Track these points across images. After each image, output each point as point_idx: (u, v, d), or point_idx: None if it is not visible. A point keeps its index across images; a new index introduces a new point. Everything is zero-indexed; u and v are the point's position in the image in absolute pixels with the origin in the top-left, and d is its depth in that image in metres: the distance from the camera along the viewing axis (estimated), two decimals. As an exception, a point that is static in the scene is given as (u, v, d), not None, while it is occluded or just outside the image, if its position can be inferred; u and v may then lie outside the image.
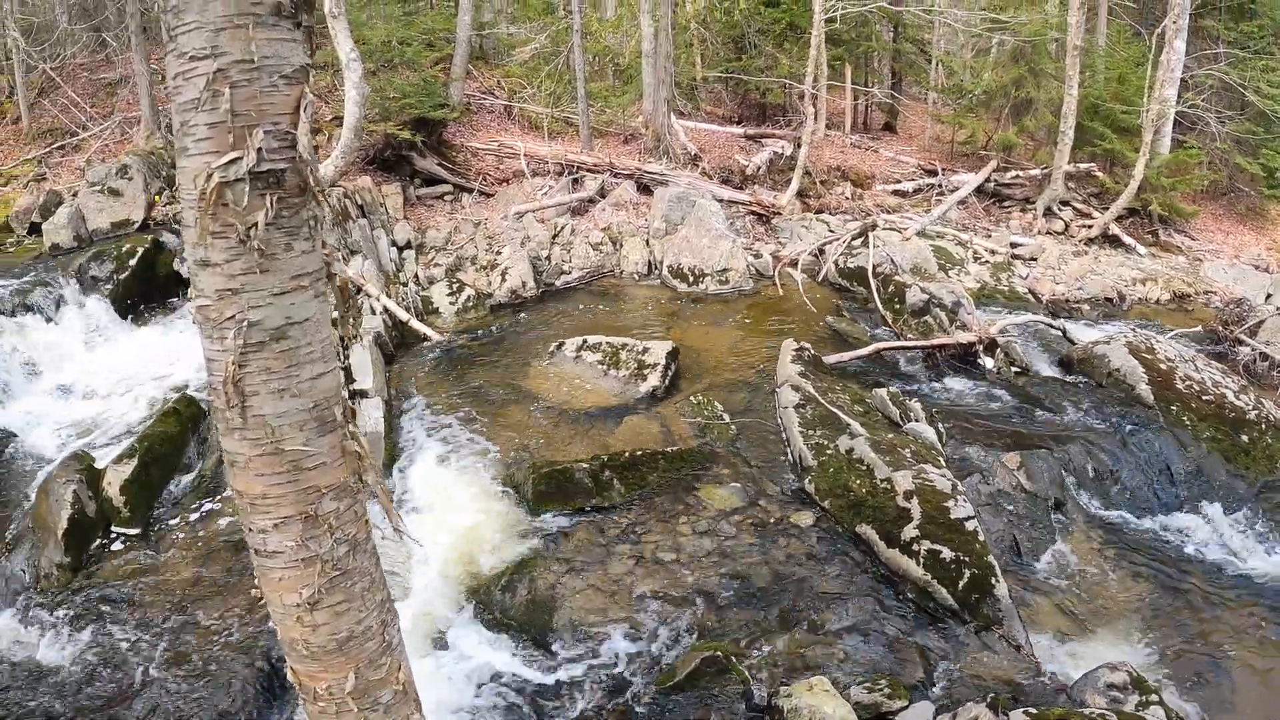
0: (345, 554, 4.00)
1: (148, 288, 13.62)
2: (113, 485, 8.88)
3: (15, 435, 10.38)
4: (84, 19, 21.27)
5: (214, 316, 3.47)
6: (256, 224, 3.35)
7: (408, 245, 16.23)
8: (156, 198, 15.38)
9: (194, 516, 8.93)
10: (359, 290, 13.26)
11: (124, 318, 13.00)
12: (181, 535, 8.67)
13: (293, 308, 3.56)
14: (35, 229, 15.19)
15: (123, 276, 13.26)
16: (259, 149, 3.28)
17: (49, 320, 12.30)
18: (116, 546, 8.61)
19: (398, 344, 12.92)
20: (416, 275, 15.40)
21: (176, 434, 9.84)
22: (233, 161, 3.26)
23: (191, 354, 11.88)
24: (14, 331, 11.78)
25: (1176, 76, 22.37)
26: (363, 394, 10.83)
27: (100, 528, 8.69)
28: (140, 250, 13.63)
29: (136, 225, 14.87)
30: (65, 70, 20.13)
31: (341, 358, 11.32)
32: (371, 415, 10.38)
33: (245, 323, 3.46)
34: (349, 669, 4.14)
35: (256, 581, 4.23)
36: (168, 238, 14.41)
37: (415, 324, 13.31)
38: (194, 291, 3.54)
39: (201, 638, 7.33)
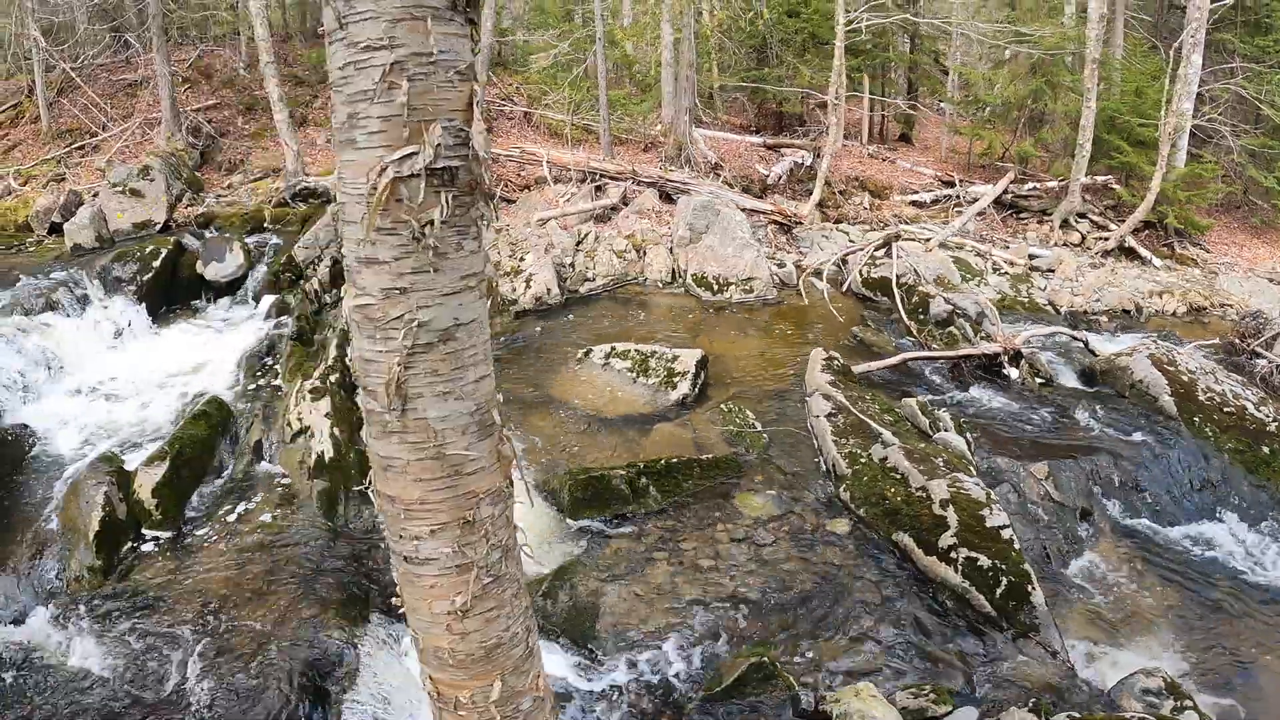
0: (498, 560, 3.94)
1: (171, 290, 13.59)
2: (144, 487, 8.78)
3: (40, 435, 10.28)
4: (104, 20, 21.28)
5: (378, 316, 3.40)
6: (432, 221, 3.30)
7: (429, 249, 16.20)
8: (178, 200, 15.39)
9: (227, 520, 8.83)
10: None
11: (148, 319, 12.94)
12: (214, 539, 8.57)
13: (460, 308, 3.49)
14: (56, 229, 15.19)
15: (147, 278, 13.20)
16: (436, 145, 3.24)
17: (73, 321, 12.25)
18: (148, 550, 8.49)
19: (425, 348, 12.89)
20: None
21: (207, 437, 9.75)
22: (408, 156, 3.22)
23: (218, 357, 11.87)
24: (38, 331, 11.72)
25: (1193, 90, 22.35)
26: (392, 398, 10.80)
27: (131, 530, 8.59)
28: (164, 252, 13.59)
29: (158, 226, 14.89)
30: (85, 71, 20.14)
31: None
32: (404, 420, 10.35)
33: (415, 323, 3.41)
34: (495, 676, 4.07)
35: (397, 589, 4.12)
36: (190, 240, 14.38)
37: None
38: (352, 289, 3.46)
39: (239, 643, 7.21)
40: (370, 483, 3.90)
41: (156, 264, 13.38)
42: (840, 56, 20.23)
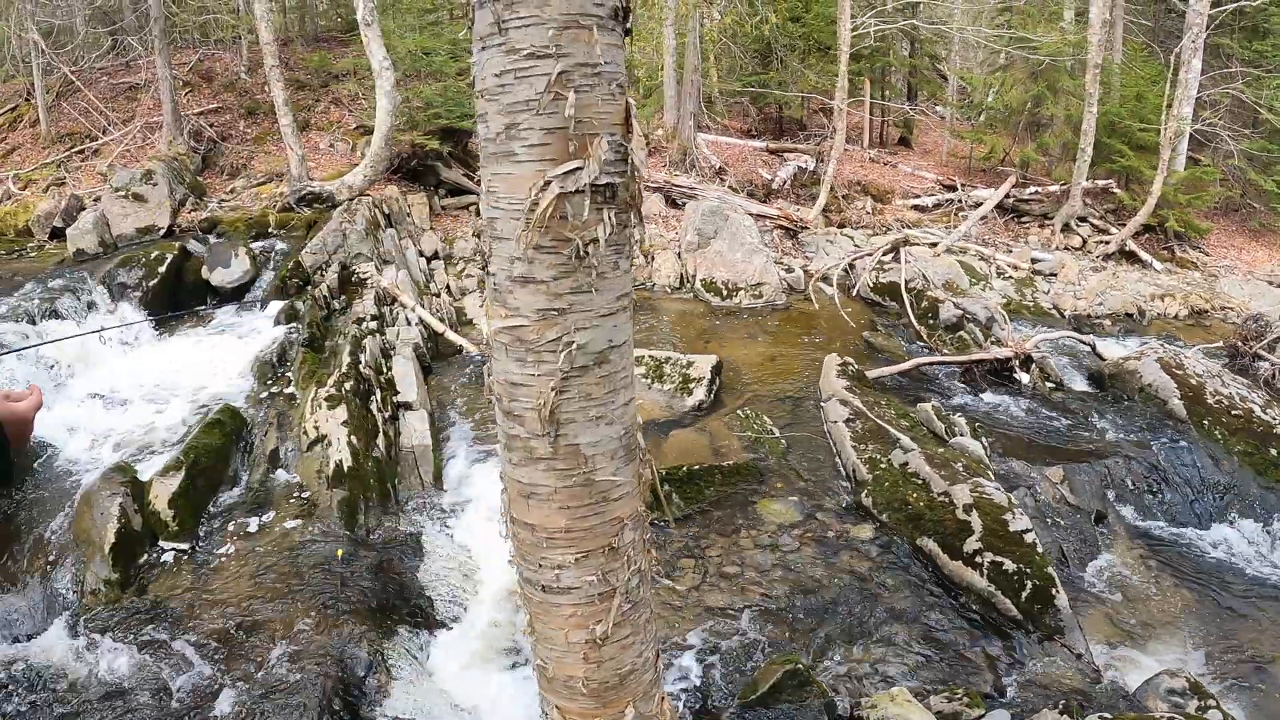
0: (636, 585, 3.86)
1: (177, 296, 13.42)
2: (159, 498, 8.59)
3: (48, 444, 10.06)
4: (104, 22, 21.18)
5: (531, 338, 3.29)
6: (596, 240, 3.19)
7: (435, 256, 16.12)
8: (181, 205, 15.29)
9: (245, 530, 8.67)
10: (394, 301, 13.16)
11: (154, 326, 12.81)
12: (233, 550, 8.41)
13: (615, 330, 3.38)
14: (57, 234, 15.08)
15: (152, 284, 13.04)
16: (602, 160, 3.14)
17: (78, 327, 12.11)
18: (165, 562, 8.29)
19: (434, 355, 12.80)
20: (448, 286, 15.30)
21: (221, 446, 9.59)
22: (573, 171, 3.11)
23: (226, 364, 11.74)
24: (41, 339, 11.55)
25: (1193, 95, 22.48)
26: (407, 406, 10.73)
27: (147, 542, 8.39)
28: (169, 257, 13.43)
29: (162, 231, 14.77)
30: (84, 74, 20.03)
31: (384, 369, 11.24)
32: (418, 428, 10.28)
33: (573, 345, 3.31)
34: (627, 703, 3.98)
35: (527, 619, 4.02)
36: (195, 245, 14.27)
37: (451, 335, 13.18)
38: (499, 310, 3.33)
39: (262, 658, 7.10)
40: (504, 512, 3.80)
41: (162, 269, 13.23)
42: (845, 63, 20.25)
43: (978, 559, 8.26)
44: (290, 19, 24.95)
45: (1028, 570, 8.06)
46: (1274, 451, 11.02)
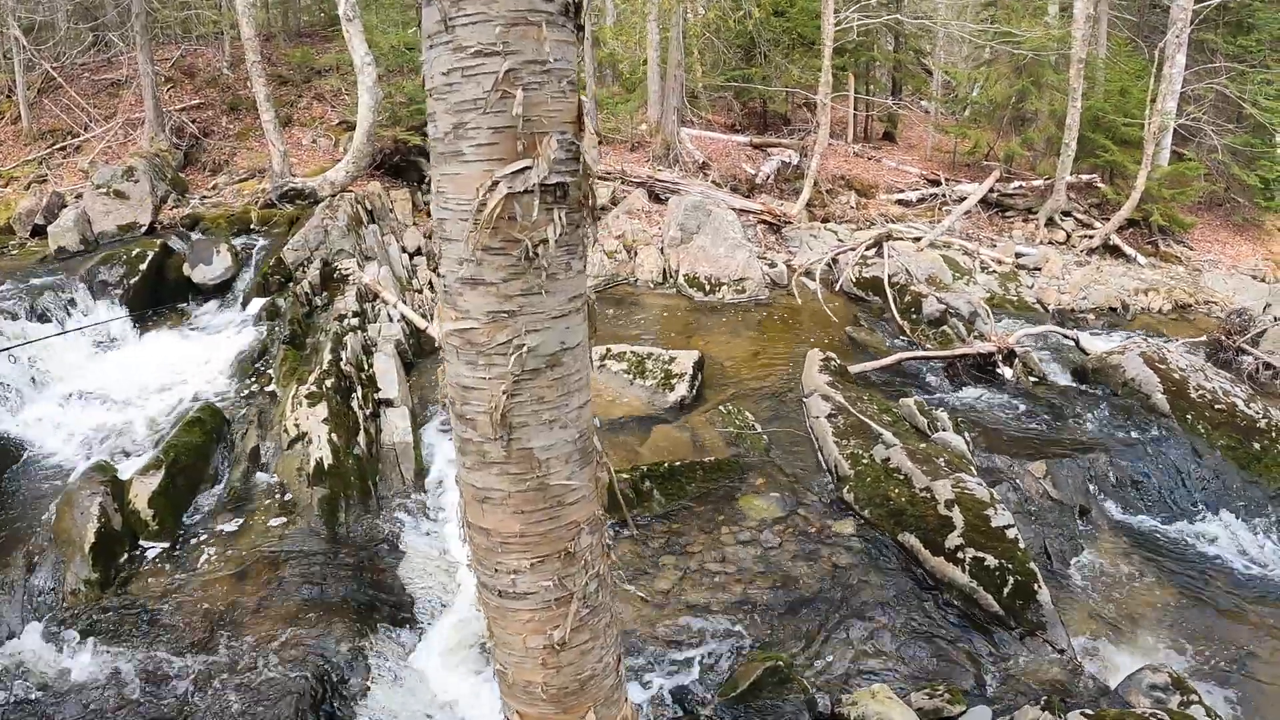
0: (595, 590, 3.83)
1: (158, 293, 13.33)
2: (139, 497, 8.58)
3: (28, 444, 10.04)
4: (85, 18, 21.06)
5: (481, 341, 3.26)
6: (546, 240, 3.15)
7: (418, 251, 16.07)
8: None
9: (226, 529, 8.67)
10: (376, 297, 13.12)
11: (135, 324, 12.72)
12: (213, 549, 8.39)
13: (568, 332, 3.35)
14: (39, 231, 14.96)
15: (134, 281, 12.93)
16: (551, 159, 3.10)
17: (59, 326, 12.02)
18: (146, 561, 8.29)
19: (415, 352, 12.76)
20: (431, 282, 15.25)
21: (202, 444, 9.57)
22: (521, 171, 3.07)
23: (208, 361, 11.70)
24: (23, 337, 11.44)
25: (1177, 89, 22.51)
26: (388, 403, 10.71)
27: (128, 541, 8.39)
28: (151, 254, 13.33)
29: (144, 229, 14.67)
30: (66, 70, 19.91)
31: (366, 366, 11.20)
32: (399, 425, 10.26)
33: (523, 348, 3.27)
34: (588, 709, 3.96)
35: (487, 624, 3.99)
36: (177, 242, 14.18)
37: (434, 331, 13.14)
38: (449, 313, 3.29)
39: (243, 656, 7.10)
40: (460, 515, 3.76)
41: (143, 267, 13.12)
42: (829, 57, 20.24)
43: (959, 555, 8.27)
44: (273, 14, 24.85)
45: (1009, 566, 8.07)
46: (1257, 446, 11.06)
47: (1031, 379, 13.03)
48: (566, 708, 3.94)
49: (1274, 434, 11.26)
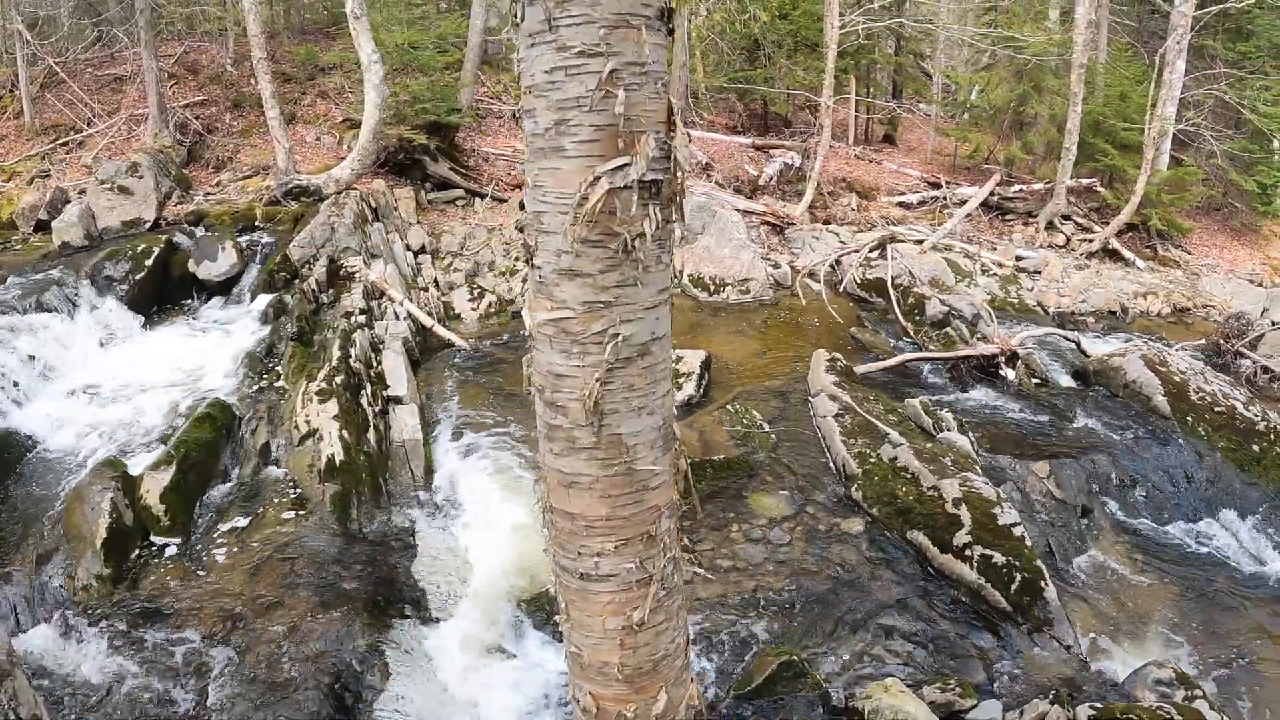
0: (671, 572, 3.89)
1: (164, 289, 13.37)
2: (151, 492, 8.55)
3: (36, 439, 10.04)
4: (89, 14, 21.05)
5: (577, 330, 3.34)
6: (643, 234, 3.21)
7: (422, 250, 16.08)
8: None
9: (237, 525, 8.64)
10: (382, 295, 13.15)
11: (141, 319, 12.74)
12: (226, 545, 8.37)
13: (658, 322, 3.44)
14: (43, 226, 14.96)
15: (139, 277, 12.96)
16: (649, 156, 3.15)
17: (64, 321, 12.03)
18: (158, 557, 8.26)
19: (422, 349, 12.79)
20: (436, 280, 15.28)
21: (212, 440, 9.56)
22: (621, 167, 3.13)
23: (215, 358, 11.71)
24: (28, 332, 11.44)
25: (1176, 95, 22.62)
26: (397, 400, 10.74)
27: (139, 537, 8.37)
28: (156, 250, 13.36)
29: (148, 225, 14.65)
30: (69, 65, 19.90)
31: (374, 364, 11.23)
32: (409, 422, 10.30)
33: (618, 337, 3.33)
34: (659, 688, 4.02)
35: (562, 607, 4.03)
36: (181, 238, 14.20)
37: (440, 329, 13.20)
38: (544, 303, 3.35)
39: (257, 653, 7.07)
40: (542, 500, 3.81)
41: (149, 263, 13.15)
42: (832, 59, 20.31)
43: (967, 552, 8.37)
44: (277, 11, 24.84)
45: (1017, 563, 8.17)
46: (1257, 448, 11.15)
47: (1034, 380, 13.12)
48: (639, 687, 4.00)
49: (1273, 437, 11.36)
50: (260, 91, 15.98)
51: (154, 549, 8.37)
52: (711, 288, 16.10)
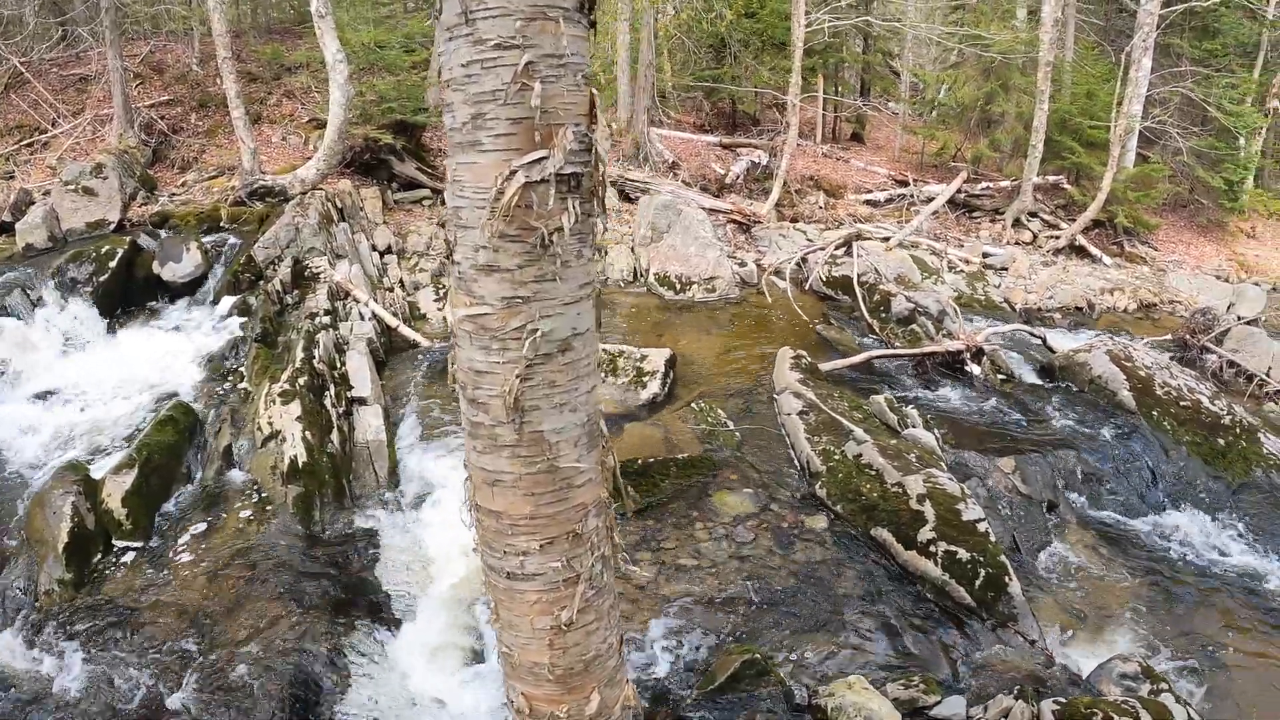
0: (600, 571, 3.88)
1: (128, 291, 13.24)
2: (112, 496, 8.53)
3: (-2, 444, 10.02)
4: (54, 13, 20.86)
5: (495, 326, 3.32)
6: (561, 229, 3.19)
7: (388, 250, 16.01)
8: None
9: (200, 528, 8.63)
10: (347, 296, 13.10)
11: (105, 322, 12.63)
12: (188, 548, 8.36)
13: (579, 318, 3.41)
14: (6, 228, 14.79)
15: (103, 279, 12.83)
16: (567, 150, 3.13)
17: (27, 324, 11.93)
18: (120, 561, 8.26)
19: (387, 350, 12.74)
20: (402, 280, 15.22)
21: (175, 443, 9.53)
22: (538, 161, 3.11)
23: (179, 360, 11.63)
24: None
25: (1143, 93, 22.74)
26: (361, 401, 10.69)
27: (101, 541, 8.34)
28: (120, 251, 13.23)
29: (113, 226, 14.54)
30: (34, 65, 19.71)
31: (338, 365, 11.19)
32: (373, 423, 10.26)
33: (537, 333, 3.31)
34: (592, 689, 4.01)
35: (492, 607, 4.02)
36: (146, 239, 14.09)
37: (405, 330, 13.15)
38: (463, 299, 3.33)
39: (219, 656, 7.08)
40: (468, 500, 3.80)
41: (113, 265, 13.02)
42: (799, 58, 20.34)
43: (932, 548, 8.40)
44: (243, 10, 24.70)
45: (981, 559, 8.21)
46: (1221, 441, 11.26)
47: (1000, 377, 13.17)
48: (571, 688, 4.00)
49: (1237, 430, 11.46)
50: (225, 91, 15.87)
51: (116, 553, 8.36)
52: (677, 286, 16.12)
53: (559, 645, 3.86)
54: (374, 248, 15.77)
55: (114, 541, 8.44)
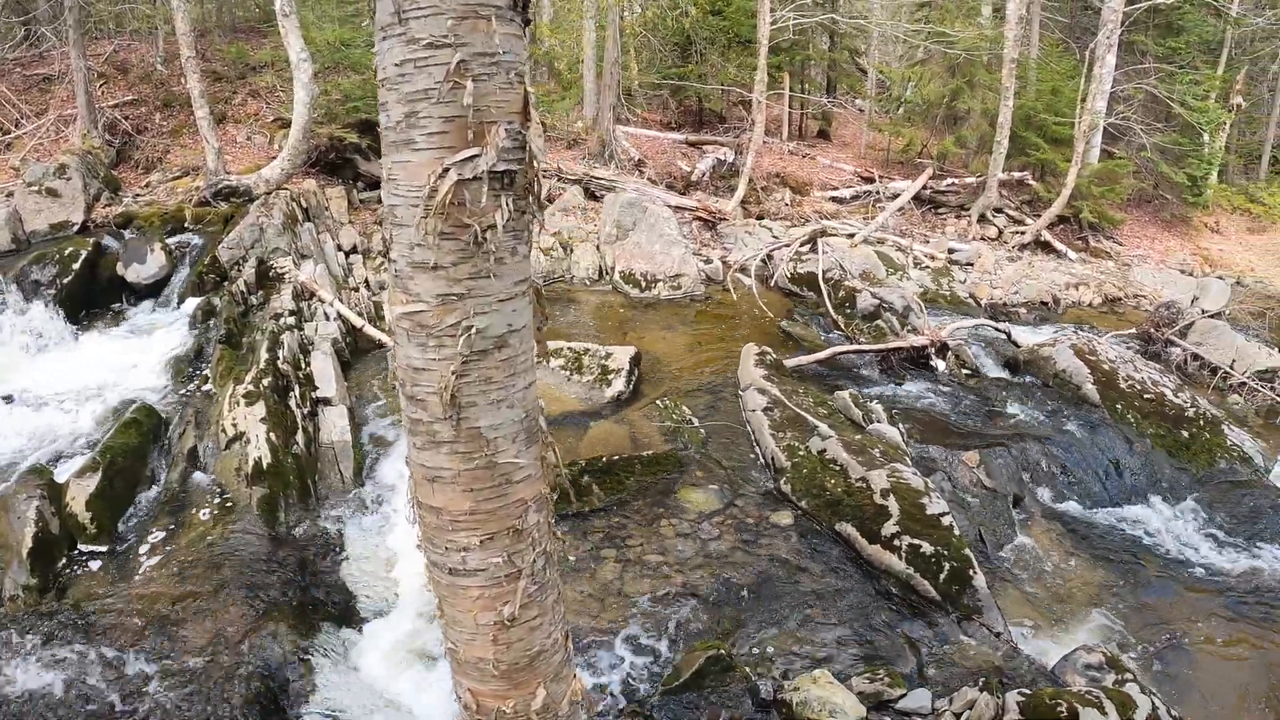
0: (542, 567, 3.89)
1: (92, 293, 13.14)
2: (76, 500, 8.44)
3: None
4: (17, 12, 20.67)
5: (431, 323, 3.33)
6: (494, 226, 3.21)
7: (353, 250, 15.94)
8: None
9: (165, 530, 8.55)
10: (312, 296, 13.05)
11: (68, 324, 12.53)
12: (153, 551, 8.28)
13: (514, 314, 3.41)
14: (-32, 232, 14.68)
15: (66, 281, 12.71)
16: (499, 147, 3.16)
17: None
18: (85, 565, 8.17)
19: (353, 350, 12.70)
20: (367, 280, 15.16)
21: (139, 445, 9.46)
22: (470, 159, 3.13)
23: (143, 362, 11.55)
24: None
25: (1107, 89, 22.93)
26: (326, 402, 10.66)
27: (65, 546, 8.25)
28: (84, 253, 13.12)
29: (76, 227, 14.43)
30: (-5, 66, 19.56)
31: (303, 365, 11.15)
32: (338, 423, 10.23)
33: (472, 330, 3.33)
34: (538, 684, 4.02)
35: (437, 602, 4.03)
36: (110, 241, 14.00)
37: (370, 330, 13.09)
38: (400, 297, 3.34)
39: (184, 659, 7.02)
40: (410, 496, 3.81)
41: (76, 266, 12.91)
42: (764, 55, 20.40)
43: (896, 542, 8.48)
44: (208, 9, 24.50)
45: (945, 552, 8.29)
46: (1185, 434, 11.39)
47: (964, 371, 13.26)
48: (517, 683, 4.00)
49: (1201, 422, 11.60)
50: (189, 91, 15.78)
51: (81, 557, 8.27)
52: (642, 284, 16.14)
53: (503, 641, 3.88)
54: (339, 247, 15.70)
55: (79, 546, 8.35)
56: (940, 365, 13.25)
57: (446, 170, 3.11)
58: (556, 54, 26.06)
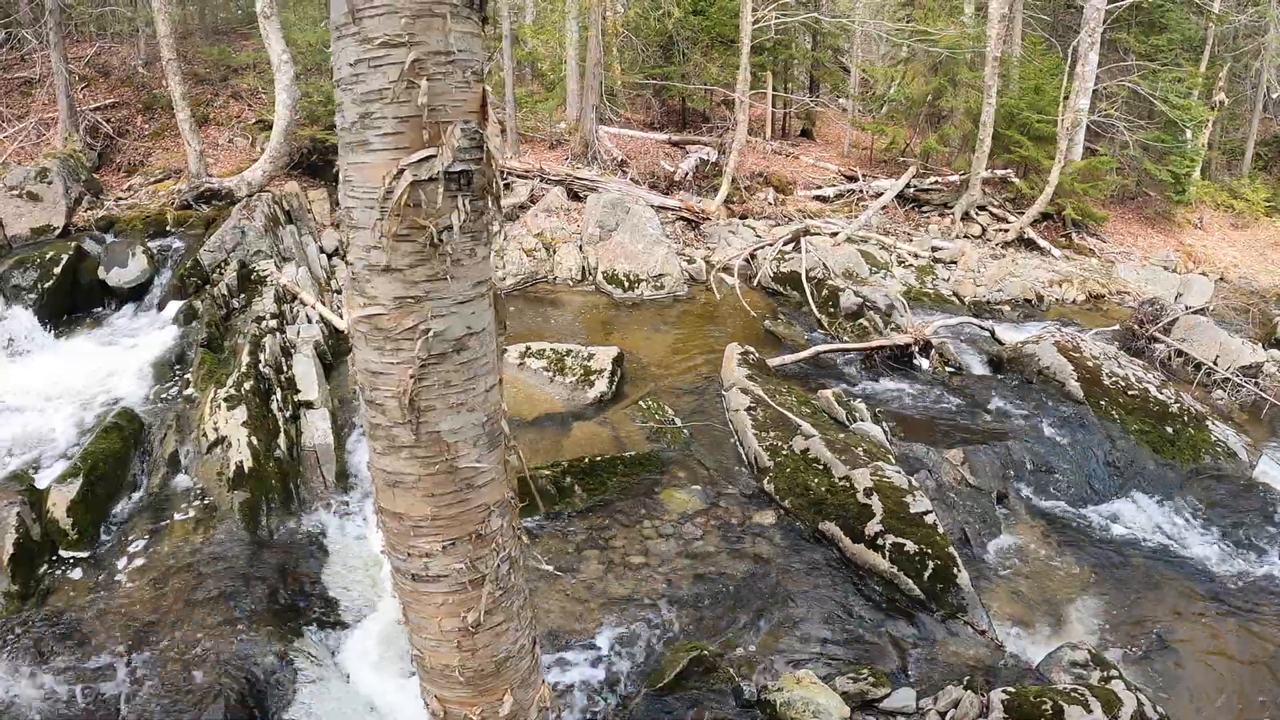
0: (507, 572, 3.86)
1: (73, 297, 13.07)
2: (58, 506, 8.39)
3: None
4: (-3, 15, 20.60)
5: (389, 326, 3.28)
6: (451, 227, 3.19)
7: (336, 252, 15.91)
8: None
9: (147, 536, 8.50)
10: (294, 298, 13.01)
11: (50, 329, 12.47)
12: (135, 556, 8.23)
13: (473, 317, 3.37)
14: (-51, 236, 14.62)
15: (48, 285, 12.65)
16: (455, 147, 3.14)
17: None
18: (66, 572, 8.10)
19: (335, 353, 12.65)
20: (350, 283, 15.11)
21: (120, 450, 9.39)
22: (426, 159, 3.10)
23: (125, 366, 11.50)
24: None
25: (1090, 87, 23.00)
26: (308, 405, 10.62)
27: (47, 552, 8.19)
28: (65, 258, 13.04)
29: (58, 231, 14.39)
30: (-25, 70, 19.47)
31: (285, 368, 11.11)
32: (320, 427, 10.19)
33: (429, 333, 3.31)
34: (505, 691, 3.98)
35: (401, 608, 4.00)
36: (91, 244, 13.94)
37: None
38: (357, 299, 3.31)
39: (167, 665, 6.99)
40: (374, 502, 3.79)
41: (57, 271, 12.84)
42: (747, 55, 20.42)
43: (879, 541, 8.47)
44: (189, 11, 24.45)
45: (929, 551, 8.29)
46: (1169, 430, 11.40)
47: (948, 369, 13.28)
48: (483, 690, 3.97)
49: (1185, 418, 11.62)
50: (171, 93, 15.73)
51: (63, 563, 8.21)
52: (626, 284, 16.14)
53: (467, 647, 3.85)
54: (321, 249, 15.67)
55: (60, 551, 8.28)
56: (924, 363, 13.27)
57: (401, 171, 3.08)
58: (539, 55, 26.04)
